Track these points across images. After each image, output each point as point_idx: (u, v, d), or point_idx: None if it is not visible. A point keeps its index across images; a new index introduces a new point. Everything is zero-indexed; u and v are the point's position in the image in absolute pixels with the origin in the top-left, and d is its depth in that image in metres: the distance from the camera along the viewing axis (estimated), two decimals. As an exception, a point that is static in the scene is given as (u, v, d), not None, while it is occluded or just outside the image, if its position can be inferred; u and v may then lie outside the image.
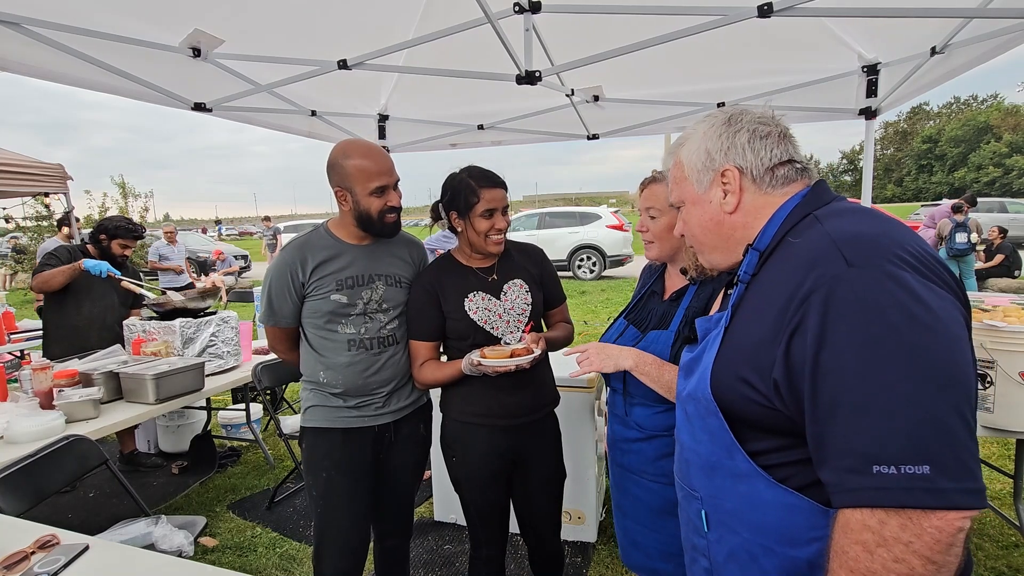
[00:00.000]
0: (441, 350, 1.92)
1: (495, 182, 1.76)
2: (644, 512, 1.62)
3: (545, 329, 2.00)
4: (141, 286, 3.47)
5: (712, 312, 1.12)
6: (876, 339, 0.72)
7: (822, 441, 0.76)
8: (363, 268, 1.82)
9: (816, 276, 0.78)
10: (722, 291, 1.13)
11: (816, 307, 0.76)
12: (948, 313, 0.74)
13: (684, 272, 1.64)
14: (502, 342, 1.79)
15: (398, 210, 1.81)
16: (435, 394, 2.01)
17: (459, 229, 1.80)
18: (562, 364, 1.93)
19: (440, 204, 1.84)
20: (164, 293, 3.52)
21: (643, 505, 1.62)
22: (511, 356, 1.64)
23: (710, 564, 1.00)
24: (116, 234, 3.48)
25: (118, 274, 3.36)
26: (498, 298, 1.81)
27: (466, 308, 1.78)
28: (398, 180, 1.80)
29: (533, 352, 1.67)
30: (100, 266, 3.27)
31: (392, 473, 1.96)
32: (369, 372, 1.82)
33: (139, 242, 3.70)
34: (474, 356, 1.67)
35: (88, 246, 3.50)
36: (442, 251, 2.77)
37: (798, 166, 0.98)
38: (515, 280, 1.85)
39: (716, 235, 1.03)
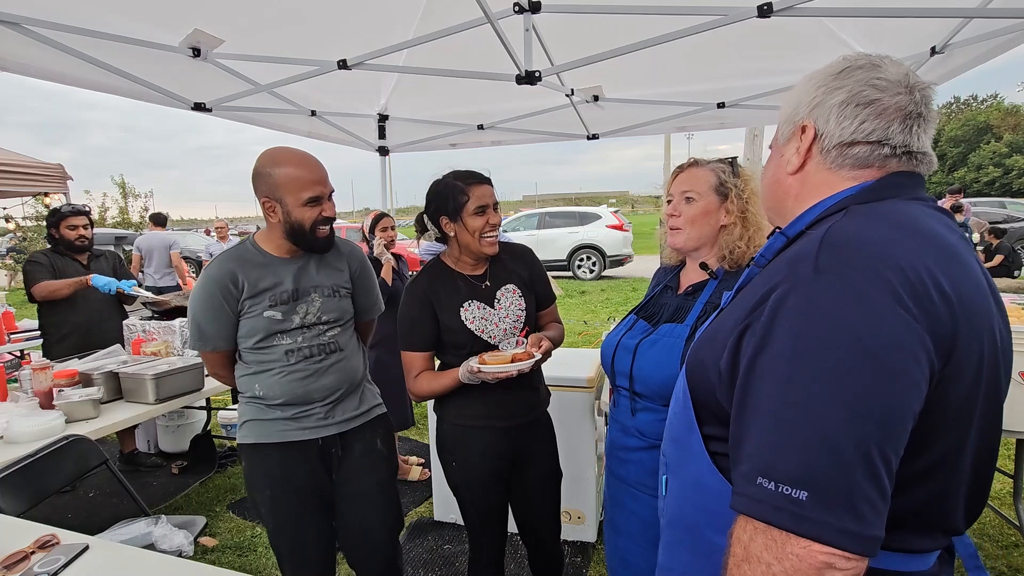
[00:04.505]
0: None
1: (481, 179, 1.74)
2: (641, 530, 1.49)
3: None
4: (138, 294, 3.49)
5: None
6: (809, 353, 0.67)
7: (738, 443, 0.73)
8: (297, 282, 1.72)
9: (784, 274, 0.74)
10: None
11: (769, 308, 0.72)
12: (903, 343, 0.66)
13: (704, 267, 1.54)
14: (499, 348, 1.77)
15: (332, 221, 1.73)
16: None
17: (451, 234, 1.75)
18: (559, 363, 1.93)
19: (425, 215, 1.79)
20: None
21: (639, 521, 1.49)
22: (512, 361, 1.62)
23: (663, 524, 1.01)
24: (59, 221, 3.42)
25: (127, 289, 3.35)
26: (492, 306, 1.79)
27: (463, 318, 1.75)
28: (332, 191, 1.71)
29: (533, 356, 1.66)
30: (110, 284, 3.26)
31: (354, 502, 1.81)
32: (310, 380, 1.73)
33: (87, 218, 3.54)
34: (473, 363, 1.64)
35: (57, 247, 3.46)
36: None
37: (884, 152, 0.81)
38: (508, 286, 1.83)
39: (774, 193, 0.94)
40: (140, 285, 3.59)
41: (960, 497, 0.78)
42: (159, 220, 7.60)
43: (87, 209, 3.62)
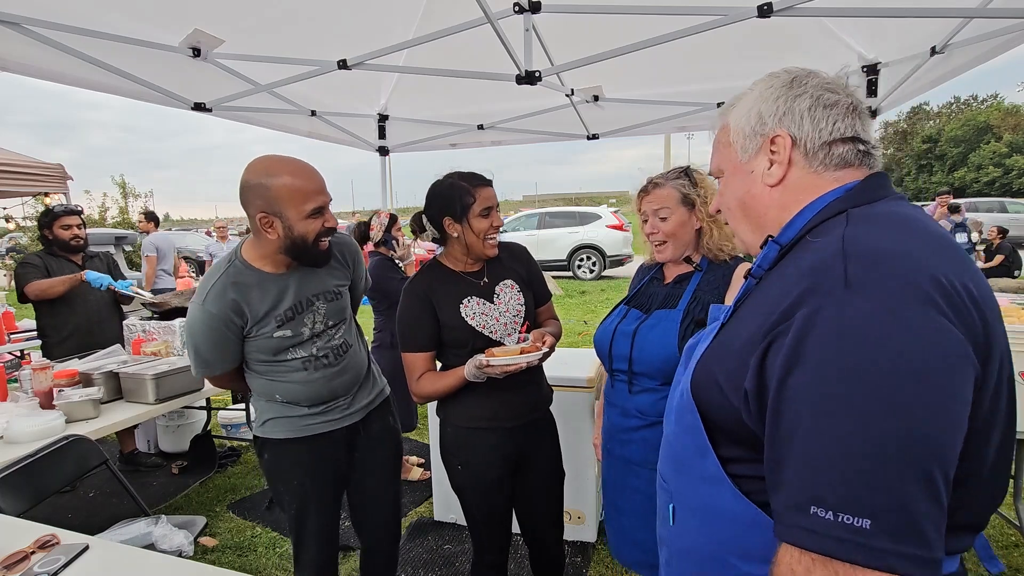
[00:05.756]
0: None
1: (486, 181, 1.75)
2: (645, 505, 1.58)
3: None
4: (136, 295, 3.49)
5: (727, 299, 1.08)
6: (848, 377, 0.64)
7: (777, 467, 0.70)
8: (298, 295, 1.68)
9: (808, 289, 0.70)
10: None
11: (797, 325, 0.69)
12: (951, 360, 0.64)
13: (689, 261, 1.69)
14: (502, 344, 1.77)
15: (334, 232, 1.69)
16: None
17: (454, 235, 1.74)
18: (559, 363, 1.93)
19: (424, 215, 1.79)
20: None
21: (644, 497, 1.59)
22: (520, 354, 1.61)
23: (669, 555, 0.97)
24: (52, 221, 3.41)
25: (117, 286, 3.35)
26: (492, 302, 1.79)
27: (463, 315, 1.74)
28: (331, 199, 1.65)
29: (541, 349, 1.65)
30: (102, 279, 3.27)
31: (371, 473, 1.91)
32: (333, 382, 1.77)
33: (81, 218, 3.53)
34: (481, 359, 1.63)
35: (51, 248, 3.44)
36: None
37: (861, 148, 0.84)
38: (506, 281, 1.83)
39: (751, 210, 0.92)
40: (144, 286, 3.59)
41: (985, 496, 0.77)
42: (157, 219, 7.56)
43: (79, 209, 3.62)
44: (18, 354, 5.34)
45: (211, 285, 1.60)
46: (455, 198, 1.70)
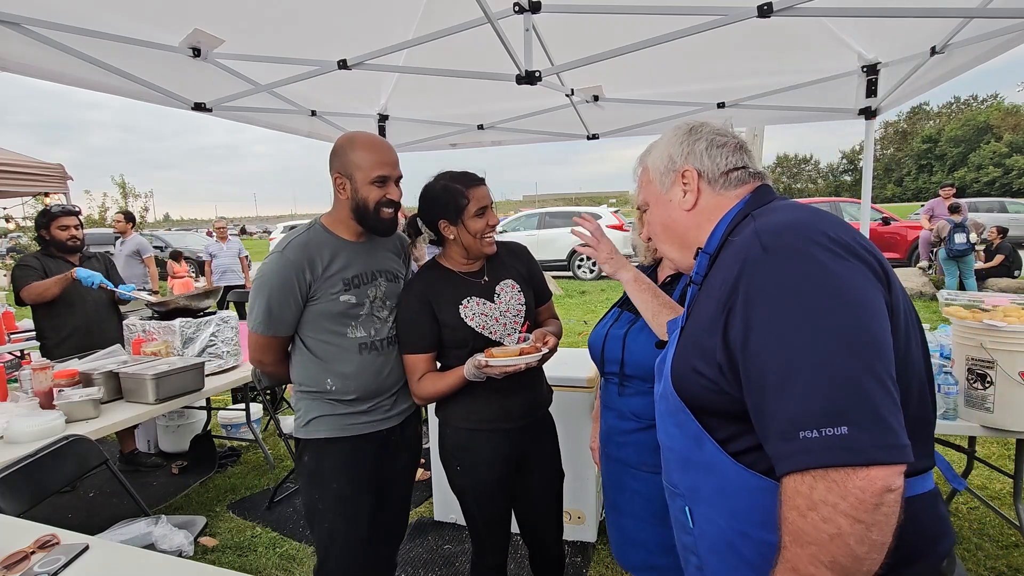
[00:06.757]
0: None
1: (479, 180, 1.75)
2: (644, 506, 1.61)
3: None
4: (137, 297, 3.48)
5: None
6: (789, 314, 0.78)
7: (762, 417, 0.80)
8: (365, 265, 1.79)
9: (740, 264, 0.86)
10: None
11: (741, 292, 0.84)
12: (859, 281, 0.79)
13: None
14: (502, 344, 1.77)
15: (396, 205, 1.77)
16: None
17: (451, 237, 1.75)
18: (559, 363, 1.93)
19: (418, 219, 1.80)
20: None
21: (642, 499, 1.61)
22: (520, 355, 1.61)
23: (700, 560, 1.01)
24: (49, 222, 3.41)
25: (110, 285, 3.35)
26: (492, 301, 1.79)
27: (462, 315, 1.74)
28: (400, 176, 1.77)
29: (541, 350, 1.65)
30: (93, 277, 3.26)
31: (392, 477, 1.92)
32: (383, 374, 1.79)
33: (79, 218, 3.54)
34: (480, 358, 1.63)
35: (48, 248, 3.44)
36: None
37: (750, 171, 1.07)
38: (506, 281, 1.83)
39: (674, 232, 1.11)
40: (151, 286, 3.58)
41: (929, 411, 0.92)
42: (135, 219, 7.43)
43: (77, 209, 3.61)
44: (18, 354, 5.35)
45: (293, 238, 1.75)
46: (449, 200, 1.71)
